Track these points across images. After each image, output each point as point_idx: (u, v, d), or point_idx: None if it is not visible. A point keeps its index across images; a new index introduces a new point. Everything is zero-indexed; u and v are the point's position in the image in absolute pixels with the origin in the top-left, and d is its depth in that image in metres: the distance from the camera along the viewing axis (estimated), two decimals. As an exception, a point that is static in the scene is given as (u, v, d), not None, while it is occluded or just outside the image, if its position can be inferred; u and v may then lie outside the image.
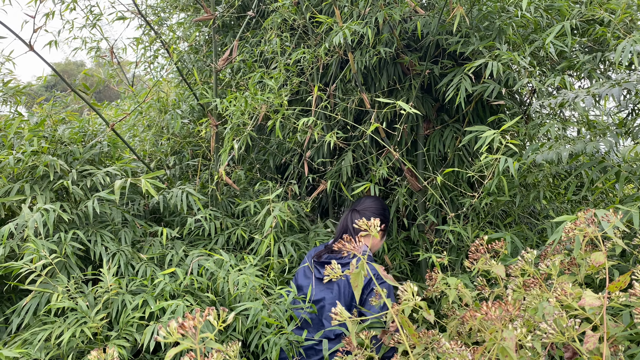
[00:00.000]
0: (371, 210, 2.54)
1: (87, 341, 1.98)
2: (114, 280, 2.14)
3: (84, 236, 2.39)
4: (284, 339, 1.84)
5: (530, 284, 1.36)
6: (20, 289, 2.32)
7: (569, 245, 1.70)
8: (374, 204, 2.57)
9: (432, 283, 1.70)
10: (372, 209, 2.54)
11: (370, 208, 2.54)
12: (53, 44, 3.53)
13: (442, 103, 3.15)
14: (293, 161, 3.51)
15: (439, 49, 3.03)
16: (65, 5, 3.25)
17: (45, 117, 2.85)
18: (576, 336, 1.12)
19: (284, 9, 3.24)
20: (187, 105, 3.93)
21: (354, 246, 1.31)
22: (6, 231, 2.20)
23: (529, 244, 2.66)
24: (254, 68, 3.38)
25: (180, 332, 0.89)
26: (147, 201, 3.04)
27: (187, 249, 2.60)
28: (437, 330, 1.54)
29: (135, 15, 3.66)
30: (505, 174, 2.43)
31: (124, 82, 4.21)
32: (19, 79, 9.74)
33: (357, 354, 1.48)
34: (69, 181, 2.48)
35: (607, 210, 1.43)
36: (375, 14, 2.83)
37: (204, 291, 2.23)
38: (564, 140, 2.29)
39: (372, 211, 2.54)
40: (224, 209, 3.17)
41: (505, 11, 2.70)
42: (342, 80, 3.31)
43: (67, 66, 24.81)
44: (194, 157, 3.79)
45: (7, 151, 2.61)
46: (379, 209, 2.56)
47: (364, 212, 2.51)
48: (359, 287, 1.35)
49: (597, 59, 2.50)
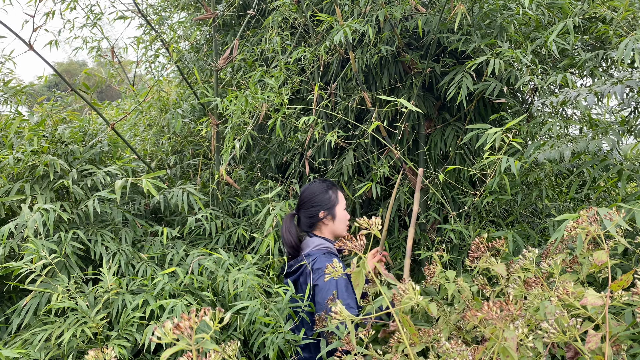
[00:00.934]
0: (304, 207, 2.29)
1: (88, 341, 1.98)
2: (114, 280, 2.13)
3: (84, 236, 2.38)
4: (281, 338, 1.83)
5: (531, 283, 1.35)
6: (20, 289, 2.31)
7: (571, 244, 1.68)
8: (304, 195, 2.30)
9: (430, 276, 1.69)
10: (304, 206, 2.29)
11: (303, 206, 2.29)
12: (53, 44, 3.53)
13: (444, 101, 3.14)
14: (294, 160, 3.50)
15: (440, 47, 3.02)
16: (65, 4, 3.25)
17: (45, 117, 2.85)
18: (578, 335, 1.11)
19: (285, 8, 3.23)
20: (187, 104, 3.92)
21: (355, 244, 1.30)
22: (6, 231, 2.20)
23: (530, 242, 2.65)
24: (254, 67, 3.37)
25: (176, 332, 0.88)
26: (147, 201, 3.04)
27: (187, 249, 2.60)
28: (436, 324, 1.53)
29: (135, 15, 3.65)
30: (507, 172, 2.42)
31: (125, 81, 4.21)
32: (21, 78, 9.75)
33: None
34: (69, 181, 2.47)
35: (610, 209, 1.41)
36: (376, 12, 2.82)
37: (204, 290, 2.22)
38: (566, 138, 2.28)
39: (304, 207, 2.29)
40: (224, 208, 3.16)
41: (507, 9, 2.69)
42: (343, 79, 3.30)
43: (70, 66, 24.85)
44: (194, 156, 3.78)
45: (8, 151, 2.61)
46: (308, 200, 2.27)
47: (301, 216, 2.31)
48: (360, 285, 1.34)
49: (600, 57, 2.49)
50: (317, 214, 2.25)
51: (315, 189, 2.30)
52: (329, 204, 2.27)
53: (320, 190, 2.29)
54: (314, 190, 2.30)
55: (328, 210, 2.27)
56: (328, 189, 2.31)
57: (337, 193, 2.33)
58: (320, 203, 2.27)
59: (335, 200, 2.29)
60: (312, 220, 2.27)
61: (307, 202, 2.28)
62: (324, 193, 2.28)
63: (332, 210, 2.28)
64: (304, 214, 2.30)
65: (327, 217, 2.27)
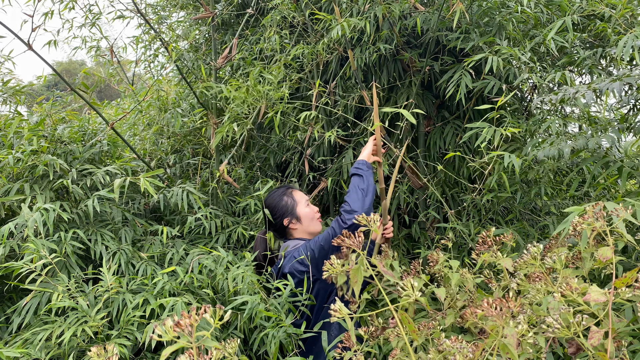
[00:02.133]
0: (270, 222, 2.39)
1: (88, 340, 1.98)
2: (114, 279, 2.14)
3: (84, 235, 2.38)
4: (283, 332, 1.83)
5: (534, 278, 1.35)
6: (20, 289, 2.31)
7: (572, 240, 1.68)
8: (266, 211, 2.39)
9: (433, 264, 1.69)
10: (269, 221, 2.38)
11: (269, 221, 2.38)
12: (52, 43, 3.52)
13: (443, 100, 3.14)
14: (294, 159, 3.50)
15: (439, 46, 3.02)
16: (64, 4, 3.24)
17: (45, 117, 2.85)
18: (581, 331, 1.11)
19: (284, 6, 3.23)
20: (187, 103, 3.92)
21: (353, 241, 1.31)
22: (6, 231, 2.20)
23: (530, 240, 2.65)
24: (253, 65, 3.38)
25: (176, 330, 0.88)
26: (147, 200, 3.04)
27: (187, 248, 2.60)
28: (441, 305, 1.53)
29: (134, 14, 3.65)
30: (505, 170, 2.42)
31: (124, 81, 4.20)
32: (20, 78, 9.74)
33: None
34: (69, 180, 2.47)
35: (617, 204, 1.41)
36: (375, 10, 2.82)
37: (204, 288, 2.22)
38: (565, 136, 2.28)
39: (269, 222, 2.39)
40: (224, 207, 3.16)
41: (505, 7, 2.69)
42: (342, 77, 3.30)
43: (70, 65, 24.87)
44: (194, 155, 3.78)
45: (7, 151, 2.61)
46: (271, 213, 2.37)
47: (271, 230, 2.40)
48: (358, 282, 1.34)
49: (598, 55, 2.49)
50: (282, 223, 2.32)
51: (271, 201, 2.36)
52: (288, 210, 2.32)
53: (276, 200, 2.35)
54: (270, 203, 2.36)
55: (290, 215, 2.32)
56: (282, 195, 2.37)
57: (292, 195, 2.38)
58: (280, 212, 2.33)
59: (293, 203, 2.34)
60: (281, 230, 2.35)
61: (271, 215, 2.35)
62: (280, 201, 2.35)
63: (294, 214, 2.32)
64: (272, 228, 2.38)
65: (291, 222, 2.32)
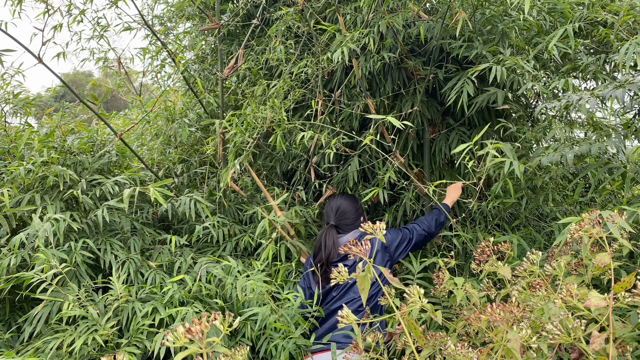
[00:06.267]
0: (349, 217, 2.57)
1: (98, 349, 2.00)
2: (123, 288, 2.16)
3: (94, 245, 2.41)
4: (292, 343, 1.85)
5: (536, 285, 1.36)
6: (31, 298, 2.35)
7: (576, 247, 1.70)
8: (347, 207, 2.61)
9: (439, 283, 1.71)
10: (348, 214, 2.58)
11: (346, 214, 2.58)
12: (61, 56, 3.58)
13: (448, 107, 3.15)
14: (300, 167, 3.53)
15: (442, 53, 3.04)
16: (72, 17, 3.30)
17: (54, 128, 2.89)
18: (582, 337, 1.12)
19: (289, 17, 3.27)
20: (194, 113, 3.96)
21: (360, 249, 1.33)
22: (17, 241, 2.24)
23: (536, 246, 2.66)
24: (259, 76, 3.41)
25: (188, 337, 0.90)
26: (155, 209, 3.07)
27: (195, 256, 2.62)
28: (445, 333, 1.54)
29: (141, 26, 3.70)
30: (511, 177, 2.43)
31: (131, 91, 4.26)
32: (29, 90, 9.84)
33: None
34: (79, 191, 2.51)
35: (612, 212, 1.43)
36: (378, 21, 2.85)
37: (213, 297, 2.24)
38: (570, 142, 2.29)
39: (351, 216, 2.58)
40: (231, 215, 3.18)
41: (508, 15, 2.71)
42: (347, 86, 3.32)
43: (76, 76, 25.05)
44: (201, 164, 3.82)
45: (18, 162, 2.65)
46: (354, 208, 2.63)
47: (343, 224, 2.56)
48: (365, 290, 1.36)
49: (602, 61, 2.50)
50: (359, 219, 2.63)
51: (353, 200, 2.68)
52: (362, 211, 2.70)
53: (355, 202, 2.69)
54: (352, 202, 2.67)
55: (364, 215, 2.72)
56: (357, 200, 2.74)
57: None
58: (361, 210, 2.69)
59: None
60: (355, 224, 2.60)
61: (348, 212, 2.61)
62: (357, 202, 2.70)
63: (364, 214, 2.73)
64: (345, 222, 2.59)
65: (365, 220, 2.65)
